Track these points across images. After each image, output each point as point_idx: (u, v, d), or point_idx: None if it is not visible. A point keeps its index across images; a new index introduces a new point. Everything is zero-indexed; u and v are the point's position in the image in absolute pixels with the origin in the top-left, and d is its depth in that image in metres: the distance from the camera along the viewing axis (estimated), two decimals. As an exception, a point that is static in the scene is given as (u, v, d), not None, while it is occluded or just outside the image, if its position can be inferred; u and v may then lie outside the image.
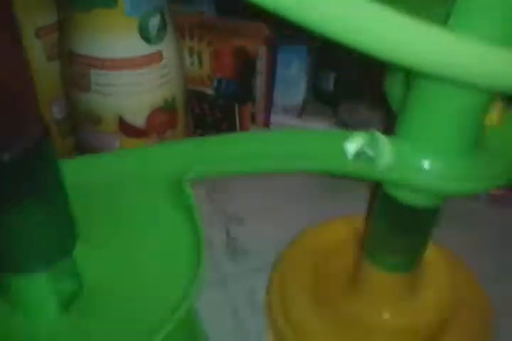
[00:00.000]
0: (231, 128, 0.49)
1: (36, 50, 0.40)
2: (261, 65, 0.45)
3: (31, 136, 0.19)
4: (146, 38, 0.36)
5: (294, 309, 0.32)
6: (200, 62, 0.45)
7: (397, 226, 0.28)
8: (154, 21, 0.35)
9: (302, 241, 0.37)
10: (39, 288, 0.22)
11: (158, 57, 0.37)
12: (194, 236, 0.24)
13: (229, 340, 0.33)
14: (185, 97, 0.42)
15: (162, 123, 0.40)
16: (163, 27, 0.36)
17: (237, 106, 0.47)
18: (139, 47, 0.36)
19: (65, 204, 0.22)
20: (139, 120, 0.38)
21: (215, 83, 0.46)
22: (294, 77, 0.50)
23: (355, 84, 0.56)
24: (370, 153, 0.24)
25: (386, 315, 0.32)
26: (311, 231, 0.38)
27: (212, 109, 0.48)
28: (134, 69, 0.36)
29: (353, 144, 0.24)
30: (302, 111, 0.52)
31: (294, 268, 0.35)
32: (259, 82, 0.46)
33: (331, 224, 0.38)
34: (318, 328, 0.32)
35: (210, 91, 0.47)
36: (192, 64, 0.45)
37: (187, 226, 0.25)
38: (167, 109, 0.39)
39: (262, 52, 0.44)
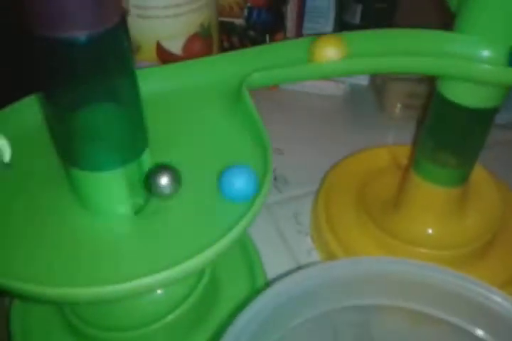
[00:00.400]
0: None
1: None
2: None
3: (111, 20, 0.18)
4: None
5: (340, 227, 0.33)
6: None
7: (453, 132, 0.28)
8: None
9: (345, 165, 0.37)
10: (115, 186, 0.22)
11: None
12: (259, 143, 0.24)
13: (277, 257, 0.33)
14: (219, 25, 0.41)
15: (199, 50, 0.39)
16: None
17: (268, 36, 0.46)
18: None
19: (138, 103, 0.21)
20: (176, 46, 0.37)
21: (246, 12, 0.45)
22: (323, 8, 0.49)
23: (382, 16, 0.54)
24: None
25: (430, 231, 0.32)
26: (352, 157, 0.38)
27: (242, 42, 0.46)
28: (171, -11, 0.35)
29: None
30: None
31: (339, 189, 0.35)
32: (290, 10, 0.45)
33: (372, 151, 0.38)
34: (364, 245, 0.32)
35: (239, 22, 0.45)
36: (222, -9, 0.44)
37: (251, 132, 0.25)
38: (203, 35, 0.38)
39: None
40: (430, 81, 0.30)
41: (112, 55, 0.19)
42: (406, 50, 0.26)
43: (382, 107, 0.46)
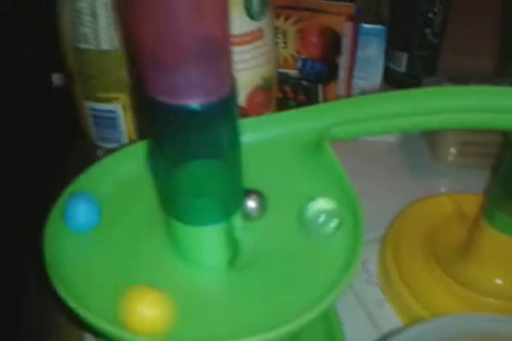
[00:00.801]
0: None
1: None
2: (346, 43, 0.45)
3: (224, 91, 0.20)
4: (250, 14, 0.36)
5: (411, 277, 0.33)
6: (285, 42, 0.45)
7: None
8: (258, -3, 0.36)
9: (409, 213, 0.38)
10: (214, 240, 0.23)
11: (259, 34, 0.37)
12: (347, 199, 0.25)
13: (348, 309, 0.33)
14: (277, 77, 0.42)
15: (260, 102, 0.40)
16: (265, 3, 0.37)
17: (321, 86, 0.47)
18: (243, 24, 0.36)
19: (240, 162, 0.22)
20: (240, 98, 0.39)
21: (300, 63, 0.46)
22: (372, 57, 0.51)
23: (426, 63, 0.56)
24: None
25: (500, 281, 0.32)
26: (416, 204, 0.38)
27: (295, 92, 0.48)
28: (239, 46, 0.36)
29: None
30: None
31: (405, 237, 0.36)
32: (343, 60, 0.46)
33: (435, 198, 0.39)
34: (435, 294, 0.32)
35: (293, 73, 0.47)
36: (277, 44, 0.45)
37: (337, 188, 0.26)
38: (264, 87, 0.40)
39: (347, 30, 0.44)
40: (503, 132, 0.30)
41: (221, 120, 0.20)
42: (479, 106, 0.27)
43: (435, 154, 0.46)
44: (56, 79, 0.62)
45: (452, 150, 0.45)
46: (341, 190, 0.25)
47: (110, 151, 0.43)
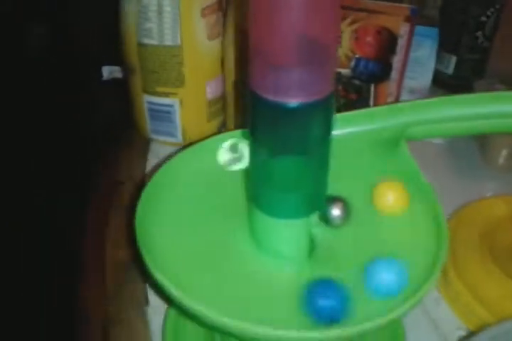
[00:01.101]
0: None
1: (199, 29, 0.42)
2: (401, 43, 0.46)
3: (322, 93, 0.21)
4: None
5: (468, 276, 0.33)
6: (340, 42, 0.46)
7: None
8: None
9: (463, 214, 0.38)
10: (298, 233, 0.24)
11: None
12: (426, 199, 0.26)
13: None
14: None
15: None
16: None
17: (373, 86, 0.48)
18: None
19: (328, 161, 0.23)
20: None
21: (354, 62, 0.47)
22: (423, 58, 0.51)
23: (475, 66, 0.56)
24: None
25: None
26: (469, 206, 0.39)
27: (346, 90, 0.49)
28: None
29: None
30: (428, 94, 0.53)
31: (461, 238, 0.36)
32: (396, 61, 0.47)
33: (490, 201, 0.40)
34: (494, 293, 0.33)
35: (345, 72, 0.48)
36: (333, 44, 0.46)
37: (412, 183, 0.26)
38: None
39: (404, 31, 0.45)
40: None
41: (315, 120, 0.21)
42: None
43: (484, 156, 0.47)
44: (106, 71, 0.64)
45: (503, 152, 0.45)
46: (418, 187, 0.26)
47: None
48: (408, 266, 0.23)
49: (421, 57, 0.51)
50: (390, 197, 0.26)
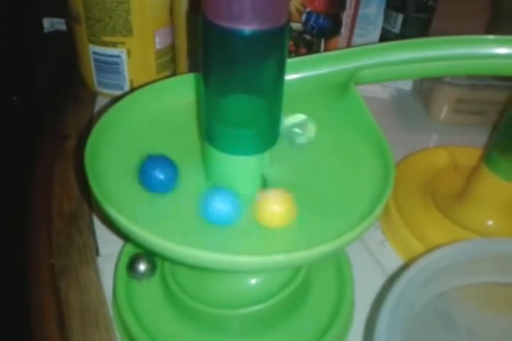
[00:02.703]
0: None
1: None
2: (351, -1, 0.46)
3: (276, 22, 0.20)
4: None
5: (411, 219, 0.35)
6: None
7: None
8: None
9: (406, 164, 0.40)
10: (246, 171, 0.24)
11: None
12: (373, 138, 0.26)
13: (352, 250, 0.34)
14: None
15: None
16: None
17: (323, 41, 0.48)
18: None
19: (280, 98, 0.23)
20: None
21: (304, 17, 0.47)
22: (371, 15, 0.52)
23: (422, 26, 0.57)
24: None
25: (492, 222, 0.35)
26: (412, 156, 0.41)
27: (297, 45, 0.49)
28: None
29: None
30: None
31: (404, 185, 0.38)
32: (346, 16, 0.47)
33: (433, 150, 0.41)
34: (435, 233, 0.34)
35: (296, 26, 0.48)
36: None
37: (362, 127, 0.27)
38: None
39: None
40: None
41: (269, 51, 0.21)
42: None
43: (428, 111, 0.48)
44: (47, 23, 0.61)
45: (446, 107, 0.47)
46: (367, 129, 0.27)
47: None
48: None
49: (369, 14, 0.51)
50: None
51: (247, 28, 0.20)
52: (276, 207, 0.23)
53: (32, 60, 0.61)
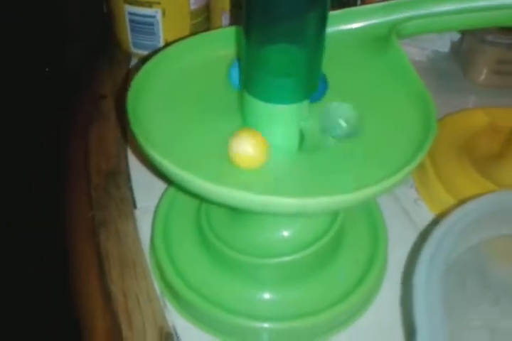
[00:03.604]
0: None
1: None
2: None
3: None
4: None
5: (447, 178, 0.35)
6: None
7: None
8: None
9: (443, 124, 0.39)
10: (284, 120, 0.24)
11: None
12: (415, 90, 0.26)
13: (386, 209, 0.34)
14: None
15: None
16: None
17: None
18: None
19: (322, 47, 0.23)
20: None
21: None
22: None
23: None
24: None
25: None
26: (449, 117, 0.40)
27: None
28: None
29: None
30: None
31: (440, 145, 0.37)
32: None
33: (471, 112, 0.41)
34: (471, 192, 0.34)
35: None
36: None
37: (405, 80, 0.27)
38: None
39: None
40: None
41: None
42: None
43: (466, 73, 0.47)
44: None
45: (485, 68, 0.46)
46: (409, 81, 0.26)
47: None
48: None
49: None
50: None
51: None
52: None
53: (66, 27, 0.61)
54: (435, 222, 0.33)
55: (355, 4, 0.47)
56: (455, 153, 0.36)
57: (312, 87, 0.24)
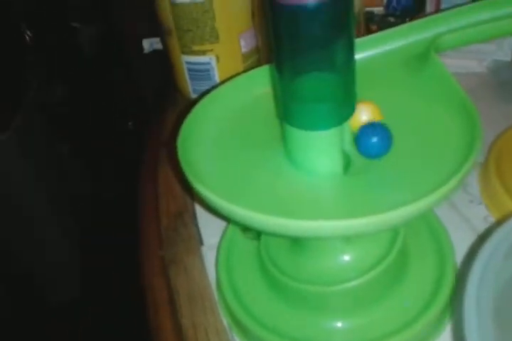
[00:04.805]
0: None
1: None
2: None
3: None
4: None
5: None
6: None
7: None
8: None
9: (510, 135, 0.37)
10: (325, 146, 0.24)
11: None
12: (459, 103, 0.25)
13: (456, 229, 0.33)
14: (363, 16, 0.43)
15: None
16: None
17: (408, 21, 0.47)
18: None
19: (353, 71, 0.24)
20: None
21: (385, 0, 0.46)
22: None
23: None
24: None
25: None
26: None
27: (381, 29, 0.48)
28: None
29: None
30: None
31: (508, 156, 0.36)
32: (430, -6, 0.46)
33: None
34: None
35: (378, 10, 0.47)
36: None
37: (450, 95, 0.26)
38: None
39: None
40: None
41: (337, 21, 0.21)
42: None
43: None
44: (147, 44, 0.66)
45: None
46: (454, 96, 0.26)
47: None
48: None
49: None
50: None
51: (312, 1, 0.20)
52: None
53: (137, 78, 0.67)
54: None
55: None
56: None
57: (348, 109, 0.25)
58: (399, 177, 0.24)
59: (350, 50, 0.23)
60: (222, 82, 0.49)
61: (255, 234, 0.32)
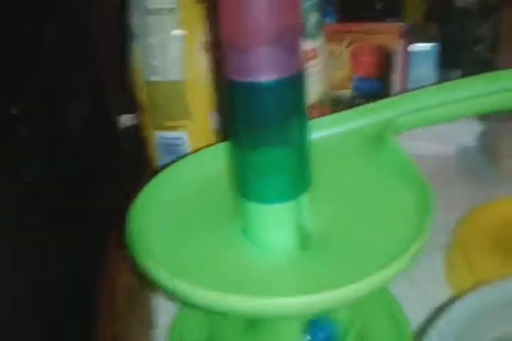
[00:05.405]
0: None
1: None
2: (397, 60, 0.47)
3: (293, 69, 0.21)
4: (306, 34, 0.39)
5: (484, 275, 0.32)
6: (341, 64, 0.47)
7: None
8: (313, 18, 0.38)
9: (475, 217, 0.38)
10: (282, 220, 0.24)
11: (314, 53, 0.40)
12: (414, 183, 0.25)
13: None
14: (330, 98, 0.44)
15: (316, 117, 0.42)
16: (319, 24, 0.39)
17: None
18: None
19: (308, 147, 0.24)
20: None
21: (354, 83, 0.48)
22: (425, 75, 0.52)
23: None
24: None
25: None
26: (481, 208, 0.38)
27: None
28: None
29: None
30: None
31: (474, 238, 0.36)
32: (396, 78, 0.48)
33: (502, 201, 0.39)
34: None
35: (347, 94, 0.49)
36: (333, 66, 0.47)
37: (404, 174, 0.26)
38: (320, 106, 0.42)
39: (398, 47, 0.46)
40: None
41: (291, 99, 0.22)
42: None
43: (494, 163, 0.46)
44: (125, 119, 0.67)
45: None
46: (409, 175, 0.26)
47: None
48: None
49: (422, 75, 0.52)
50: None
51: (266, 79, 0.21)
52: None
53: (112, 151, 0.67)
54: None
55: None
56: (489, 246, 0.34)
57: (304, 182, 0.24)
58: (355, 253, 0.24)
59: (304, 126, 0.23)
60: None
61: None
